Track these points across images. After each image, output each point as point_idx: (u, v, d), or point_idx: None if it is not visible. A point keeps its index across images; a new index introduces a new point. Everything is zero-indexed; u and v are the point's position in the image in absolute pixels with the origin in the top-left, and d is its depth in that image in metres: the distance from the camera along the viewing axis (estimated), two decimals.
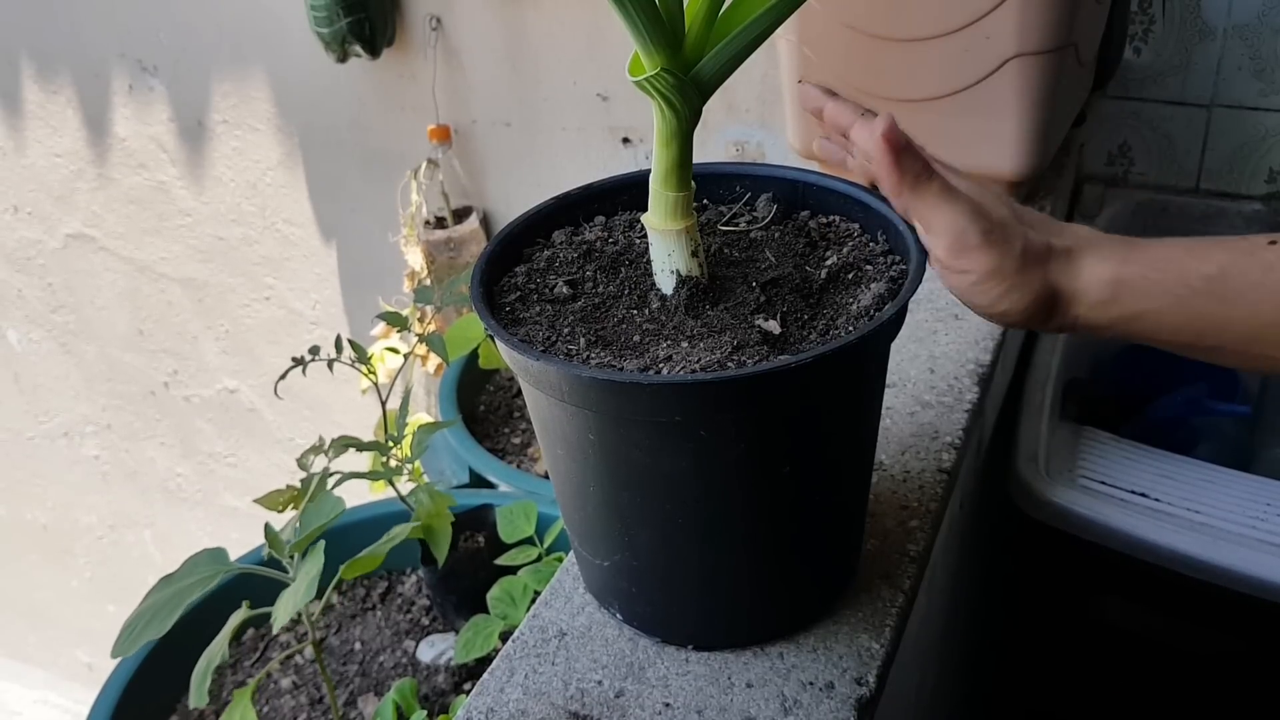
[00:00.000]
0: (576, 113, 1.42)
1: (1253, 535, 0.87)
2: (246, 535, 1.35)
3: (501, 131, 1.49)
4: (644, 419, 0.48)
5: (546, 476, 1.16)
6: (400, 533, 0.83)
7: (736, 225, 0.60)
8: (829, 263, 0.56)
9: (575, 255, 0.58)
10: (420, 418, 1.36)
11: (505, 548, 0.96)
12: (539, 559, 0.94)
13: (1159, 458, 0.97)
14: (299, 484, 0.85)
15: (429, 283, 1.48)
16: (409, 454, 0.92)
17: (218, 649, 0.74)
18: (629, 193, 0.62)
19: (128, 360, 2.06)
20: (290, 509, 0.86)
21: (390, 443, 0.91)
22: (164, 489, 2.22)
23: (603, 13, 1.32)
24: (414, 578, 1.13)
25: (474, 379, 1.45)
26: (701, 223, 0.59)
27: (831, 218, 0.60)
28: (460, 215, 1.53)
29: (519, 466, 1.29)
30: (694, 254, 0.54)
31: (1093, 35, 0.97)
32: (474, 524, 1.04)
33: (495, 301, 0.55)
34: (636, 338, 0.53)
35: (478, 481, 1.23)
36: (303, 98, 1.61)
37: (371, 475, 0.90)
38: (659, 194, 0.54)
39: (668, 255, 0.54)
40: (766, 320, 0.52)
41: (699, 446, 0.49)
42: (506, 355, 0.52)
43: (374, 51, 1.44)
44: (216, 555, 0.77)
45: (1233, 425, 1.19)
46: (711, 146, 1.34)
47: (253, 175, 1.72)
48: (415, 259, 1.50)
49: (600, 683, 0.56)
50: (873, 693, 0.54)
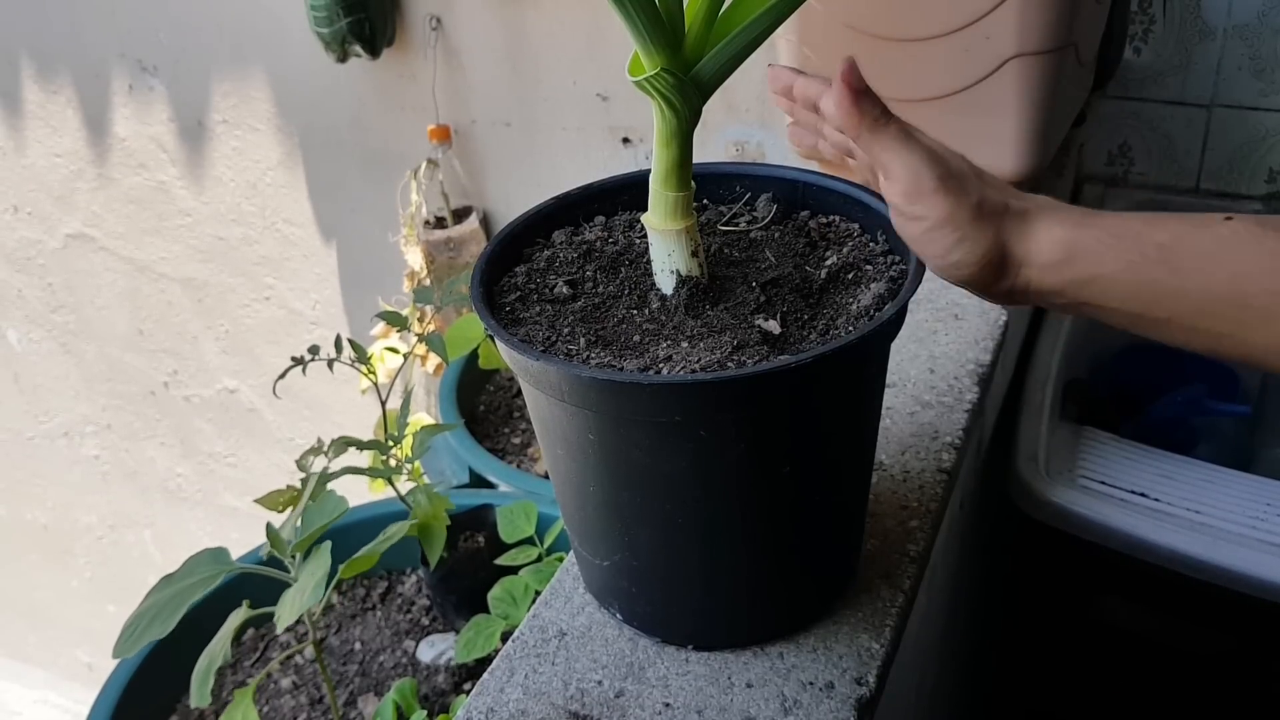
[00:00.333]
0: (576, 113, 1.42)
1: (1253, 535, 0.87)
2: (247, 535, 1.35)
3: (501, 131, 1.49)
4: (644, 419, 0.48)
5: (546, 476, 1.16)
6: (397, 531, 0.83)
7: (736, 225, 0.60)
8: (829, 263, 0.56)
9: (575, 255, 0.58)
10: (420, 418, 1.36)
11: (505, 548, 0.96)
12: (539, 559, 0.94)
13: (1159, 458, 0.97)
14: (299, 484, 0.85)
15: (429, 283, 1.48)
16: (409, 454, 0.92)
17: (219, 649, 0.74)
18: (629, 193, 0.62)
19: (128, 360, 2.06)
20: (290, 509, 0.86)
21: (390, 442, 0.91)
22: (164, 489, 2.22)
23: (603, 13, 1.32)
24: (414, 578, 1.13)
25: (474, 379, 1.45)
26: (701, 223, 0.59)
27: (831, 218, 0.60)
28: (460, 215, 1.53)
29: (519, 466, 1.29)
30: (694, 254, 0.54)
31: (1093, 35, 0.97)
32: (474, 524, 1.04)
33: (495, 301, 0.55)
34: (636, 338, 0.53)
35: (478, 481, 1.23)
36: (303, 98, 1.61)
37: (371, 472, 0.90)
38: (659, 194, 0.54)
39: (668, 255, 0.54)
40: (766, 320, 0.52)
41: (699, 446, 0.49)
42: (506, 355, 0.52)
43: (374, 51, 1.44)
44: (217, 555, 0.77)
45: (1233, 425, 1.19)
46: (711, 146, 1.34)
47: (253, 175, 1.72)
48: (415, 259, 1.50)
49: (600, 683, 0.56)
50: (873, 693, 0.54)
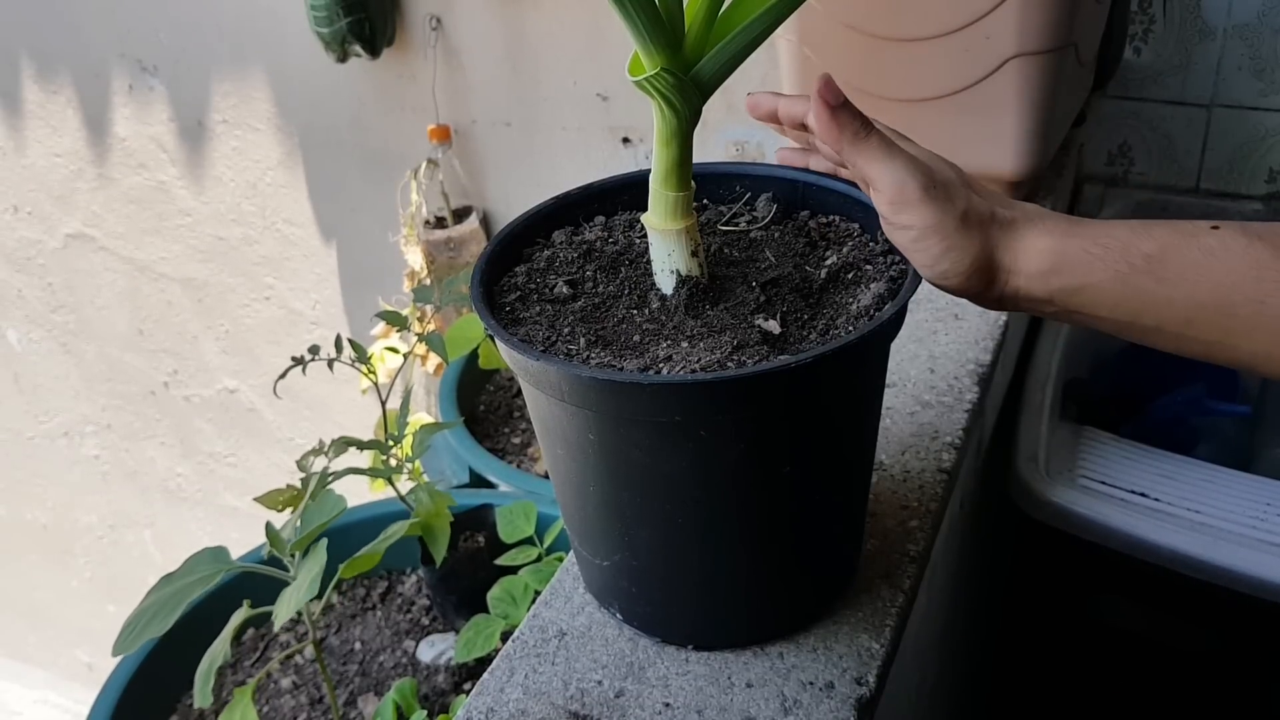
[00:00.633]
0: (576, 113, 1.42)
1: (1253, 535, 0.87)
2: (246, 535, 1.35)
3: (501, 131, 1.49)
4: (644, 419, 0.48)
5: (546, 476, 1.16)
6: (398, 530, 0.83)
7: (736, 225, 0.60)
8: (829, 263, 0.56)
9: (575, 255, 0.58)
10: (420, 418, 1.36)
11: (505, 548, 0.96)
12: (539, 559, 0.94)
13: (1159, 458, 0.97)
14: (299, 484, 0.85)
15: (429, 282, 1.48)
16: (409, 453, 0.92)
17: (220, 649, 0.74)
18: (629, 193, 0.62)
19: (128, 360, 2.06)
20: (290, 509, 0.86)
21: (390, 442, 0.91)
22: (164, 489, 2.22)
23: (603, 13, 1.32)
24: (414, 578, 1.13)
25: (474, 379, 1.45)
26: (701, 223, 0.59)
27: (831, 217, 0.60)
28: (460, 215, 1.53)
29: (519, 466, 1.29)
30: (694, 254, 0.54)
31: (1093, 35, 0.97)
32: (474, 524, 1.04)
33: (495, 301, 0.55)
34: (636, 338, 0.53)
35: (478, 481, 1.23)
36: (303, 98, 1.61)
37: (371, 472, 0.90)
38: (659, 194, 0.54)
39: (668, 255, 0.54)
40: (766, 320, 0.52)
41: (699, 446, 0.49)
42: (506, 355, 0.52)
43: (374, 51, 1.44)
44: (217, 554, 0.77)
45: (1233, 425, 1.19)
46: (711, 146, 1.34)
47: (253, 175, 1.72)
48: (415, 259, 1.50)
49: (600, 683, 0.56)
50: (873, 693, 0.54)
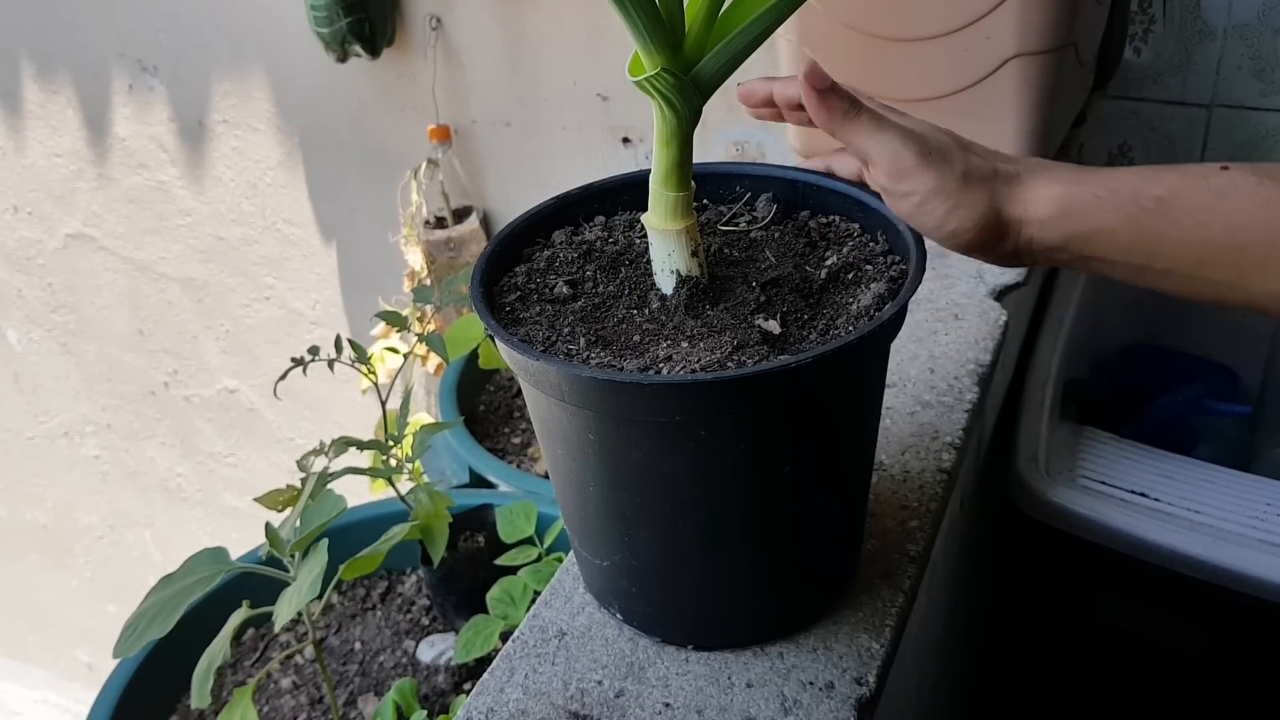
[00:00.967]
0: (576, 113, 1.42)
1: (1253, 535, 0.87)
2: (246, 535, 1.35)
3: (501, 131, 1.49)
4: (644, 419, 0.48)
5: (546, 476, 1.16)
6: (399, 533, 0.83)
7: (736, 225, 0.60)
8: (829, 263, 0.56)
9: (575, 255, 0.58)
10: (420, 418, 1.36)
11: (505, 548, 0.96)
12: (539, 559, 0.94)
13: (1159, 458, 0.97)
14: (299, 484, 0.85)
15: (429, 282, 1.48)
16: (409, 454, 0.92)
17: (219, 649, 0.74)
18: (629, 193, 0.62)
19: (128, 360, 2.06)
20: (290, 509, 0.86)
21: (390, 442, 0.91)
22: (164, 489, 2.22)
23: (603, 13, 1.32)
24: (414, 578, 1.13)
25: (474, 379, 1.45)
26: (701, 223, 0.59)
27: (831, 218, 0.60)
28: (460, 215, 1.53)
29: (519, 466, 1.29)
30: (694, 254, 0.54)
31: (1093, 35, 0.97)
32: (474, 524, 1.04)
33: (495, 301, 0.55)
34: (636, 338, 0.53)
35: (478, 481, 1.23)
36: (303, 98, 1.61)
37: (371, 472, 0.90)
38: (659, 194, 0.54)
39: (668, 255, 0.54)
40: (766, 320, 0.52)
41: (699, 446, 0.49)
42: (506, 355, 0.52)
43: (374, 51, 1.44)
44: (217, 555, 0.77)
45: (1233, 425, 1.19)
46: (711, 146, 1.34)
47: (253, 175, 1.72)
48: (415, 259, 1.50)
49: (600, 683, 0.56)
50: (873, 693, 0.54)
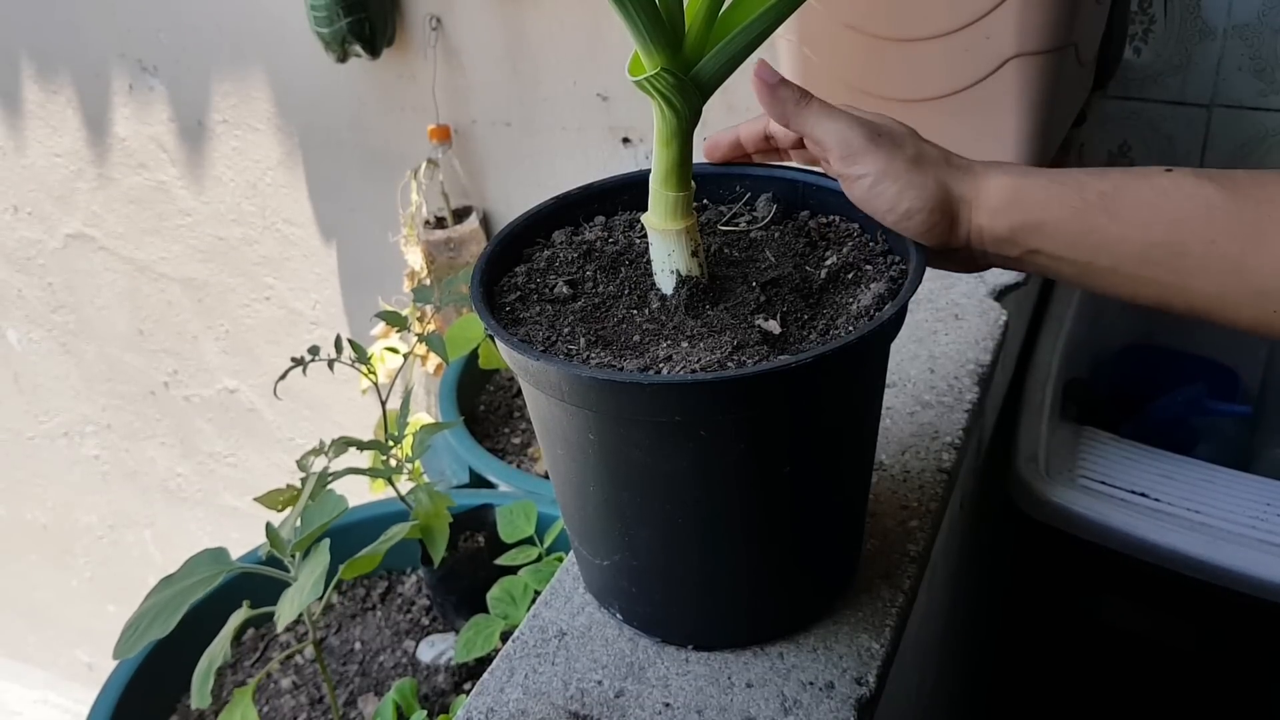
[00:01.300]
0: (576, 113, 1.42)
1: (1253, 535, 0.87)
2: (246, 535, 1.35)
3: (501, 131, 1.49)
4: (644, 419, 0.48)
5: (546, 476, 1.16)
6: (398, 532, 0.83)
7: (736, 225, 0.60)
8: (829, 263, 0.56)
9: (575, 255, 0.58)
10: (420, 418, 1.36)
11: (505, 548, 0.96)
12: (539, 559, 0.94)
13: (1159, 458, 0.97)
14: (299, 484, 0.85)
15: (429, 282, 1.48)
16: (409, 454, 0.92)
17: (219, 649, 0.74)
18: (629, 193, 0.62)
19: (128, 360, 2.06)
20: (290, 508, 0.86)
21: (390, 442, 0.91)
22: (164, 489, 2.22)
23: (603, 13, 1.32)
24: (414, 578, 1.13)
25: (474, 379, 1.45)
26: (701, 223, 0.59)
27: (831, 218, 0.60)
28: (460, 215, 1.53)
29: (519, 466, 1.29)
30: (694, 254, 0.54)
31: (1093, 35, 0.97)
32: (474, 524, 1.04)
33: (495, 301, 0.55)
34: (636, 338, 0.53)
35: (478, 481, 1.23)
36: (303, 98, 1.61)
37: (371, 472, 0.90)
38: (659, 194, 0.54)
39: (668, 255, 0.54)
40: (766, 320, 0.52)
41: (699, 446, 0.49)
42: (506, 355, 0.52)
43: (374, 51, 1.44)
44: (217, 555, 0.77)
45: (1233, 425, 1.19)
46: None
47: (253, 175, 1.72)
48: (415, 259, 1.50)
49: (600, 683, 0.56)
50: (873, 693, 0.54)
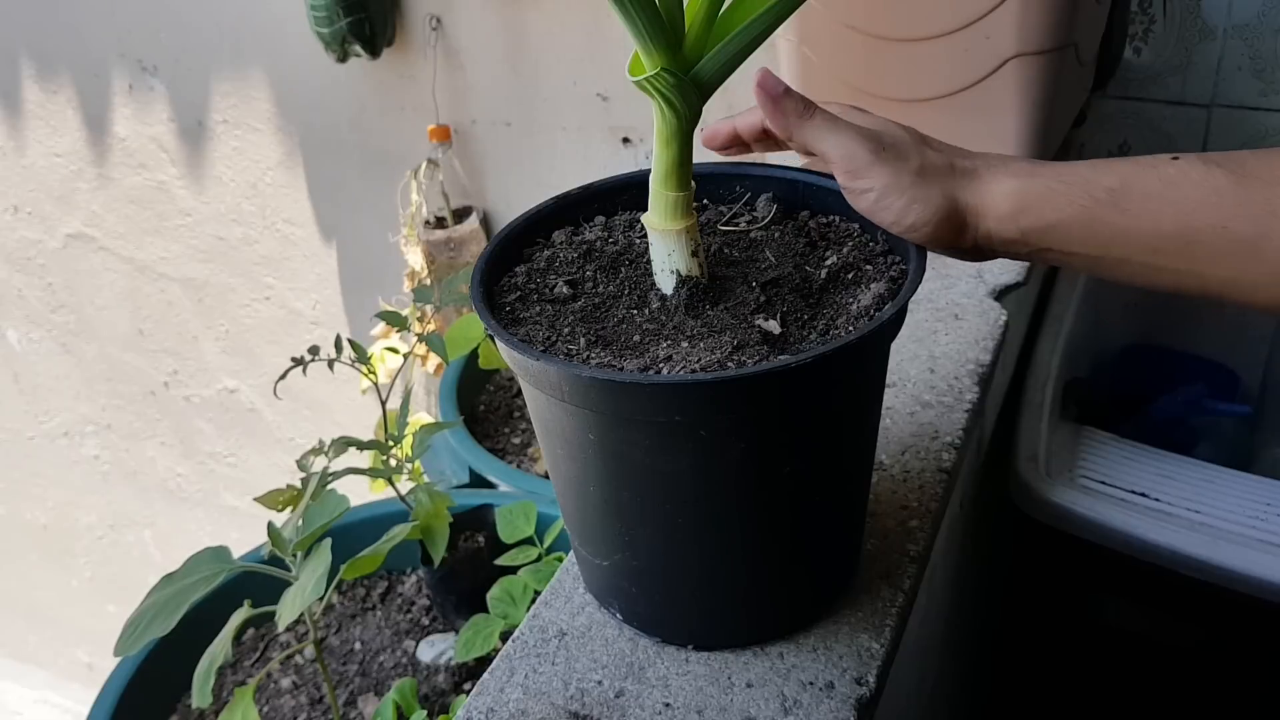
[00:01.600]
0: (576, 113, 1.42)
1: (1253, 535, 0.87)
2: (247, 535, 1.35)
3: (501, 131, 1.49)
4: (644, 419, 0.48)
5: (546, 476, 1.16)
6: (399, 533, 0.83)
7: (736, 225, 0.60)
8: (829, 263, 0.56)
9: (575, 255, 0.58)
10: (420, 418, 1.36)
11: (505, 548, 0.96)
12: (539, 559, 0.94)
13: (1159, 458, 0.97)
14: (299, 484, 0.85)
15: (429, 282, 1.48)
16: (409, 454, 0.92)
17: (220, 649, 0.74)
18: (629, 193, 0.62)
19: (128, 360, 2.06)
20: (290, 509, 0.86)
21: (390, 442, 0.91)
22: (164, 489, 2.22)
23: (603, 13, 1.32)
24: (414, 578, 1.13)
25: (474, 379, 1.45)
26: (701, 223, 0.59)
27: (831, 217, 0.60)
28: (460, 215, 1.53)
29: (519, 466, 1.29)
30: (694, 254, 0.54)
31: (1093, 35, 0.97)
32: (474, 524, 1.04)
33: (495, 301, 0.55)
34: (636, 338, 0.53)
35: (478, 481, 1.23)
36: (303, 98, 1.61)
37: (371, 472, 0.90)
38: (659, 194, 0.54)
39: (668, 255, 0.54)
40: (766, 320, 0.52)
41: (699, 446, 0.49)
42: (506, 355, 0.52)
43: (374, 51, 1.44)
44: (218, 554, 0.77)
45: (1233, 425, 1.19)
46: None
47: (253, 175, 1.72)
48: (415, 259, 1.50)
49: (600, 683, 0.56)
50: (873, 693, 0.54)
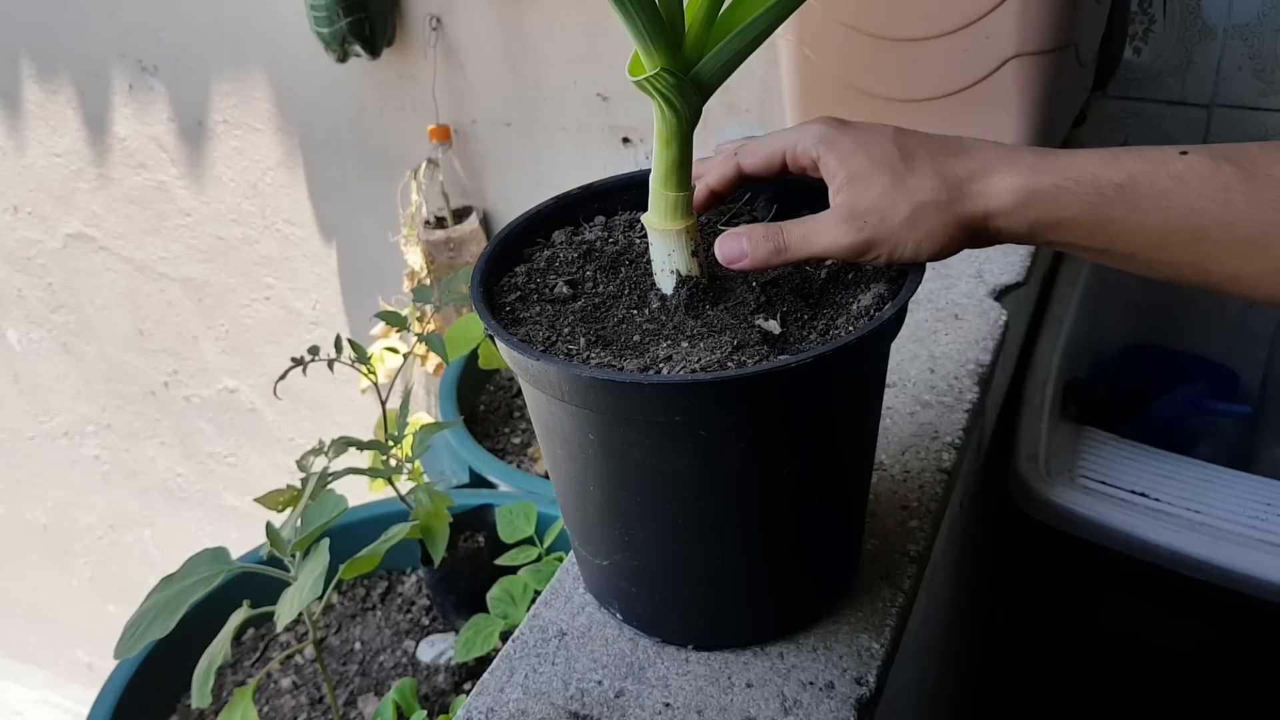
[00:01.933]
0: (576, 113, 1.42)
1: (1253, 535, 0.87)
2: (247, 535, 1.35)
3: (501, 131, 1.49)
4: (644, 419, 0.48)
5: (546, 476, 1.16)
6: (398, 532, 0.83)
7: (736, 225, 0.60)
8: (829, 262, 0.56)
9: (575, 255, 0.58)
10: (420, 418, 1.36)
11: (505, 548, 0.96)
12: (539, 559, 0.94)
13: (1159, 458, 0.97)
14: (299, 484, 0.85)
15: (429, 282, 1.48)
16: (409, 454, 0.92)
17: (219, 649, 0.74)
18: (629, 193, 0.62)
19: (128, 360, 2.06)
20: (290, 509, 0.86)
21: (390, 442, 0.91)
22: (164, 489, 2.22)
23: (603, 13, 1.32)
24: (414, 578, 1.13)
25: (474, 379, 1.45)
26: (701, 223, 0.59)
27: None
28: (460, 215, 1.53)
29: (519, 466, 1.29)
30: (694, 254, 0.54)
31: (1093, 35, 0.97)
32: (474, 524, 1.04)
33: (495, 301, 0.55)
34: (636, 338, 0.53)
35: (478, 481, 1.23)
36: (303, 98, 1.61)
37: (371, 472, 0.90)
38: (659, 194, 0.54)
39: (668, 255, 0.54)
40: (766, 320, 0.52)
41: (699, 446, 0.49)
42: (506, 355, 0.52)
43: (374, 51, 1.44)
44: (218, 554, 0.77)
45: (1233, 425, 1.19)
46: (711, 146, 1.34)
47: (253, 175, 1.72)
48: (415, 259, 1.50)
49: (600, 683, 0.56)
50: (873, 693, 0.54)
